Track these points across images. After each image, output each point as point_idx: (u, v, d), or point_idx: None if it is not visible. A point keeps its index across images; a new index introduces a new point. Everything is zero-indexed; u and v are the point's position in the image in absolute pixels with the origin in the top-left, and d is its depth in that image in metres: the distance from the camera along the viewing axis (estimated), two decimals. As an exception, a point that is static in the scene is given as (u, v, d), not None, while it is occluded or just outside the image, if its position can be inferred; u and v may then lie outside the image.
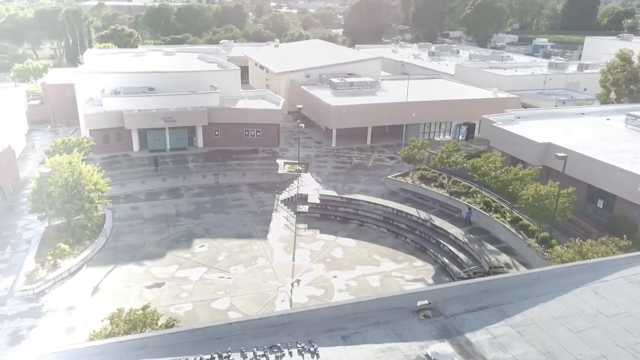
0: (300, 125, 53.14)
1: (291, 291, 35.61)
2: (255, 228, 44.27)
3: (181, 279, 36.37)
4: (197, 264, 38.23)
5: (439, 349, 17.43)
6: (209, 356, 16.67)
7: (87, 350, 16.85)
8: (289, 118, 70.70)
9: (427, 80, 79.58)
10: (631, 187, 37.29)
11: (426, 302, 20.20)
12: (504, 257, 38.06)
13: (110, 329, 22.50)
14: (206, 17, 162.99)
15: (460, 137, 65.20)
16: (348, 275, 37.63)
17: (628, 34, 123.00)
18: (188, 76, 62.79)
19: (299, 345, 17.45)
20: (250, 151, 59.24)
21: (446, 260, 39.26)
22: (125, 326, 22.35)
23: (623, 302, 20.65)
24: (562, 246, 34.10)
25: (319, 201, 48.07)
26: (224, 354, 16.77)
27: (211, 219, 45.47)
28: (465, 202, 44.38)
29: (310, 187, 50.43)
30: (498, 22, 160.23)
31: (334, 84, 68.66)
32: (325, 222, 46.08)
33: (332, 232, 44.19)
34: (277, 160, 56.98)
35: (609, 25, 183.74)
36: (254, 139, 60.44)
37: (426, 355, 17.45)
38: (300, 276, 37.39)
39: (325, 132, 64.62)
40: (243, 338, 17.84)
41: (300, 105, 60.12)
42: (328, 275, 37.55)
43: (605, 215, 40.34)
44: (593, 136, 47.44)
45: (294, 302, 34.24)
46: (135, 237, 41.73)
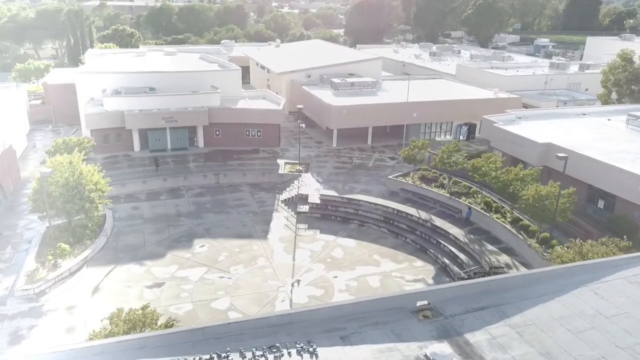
0: (301, 125, 53.14)
1: (291, 291, 35.62)
2: (255, 228, 44.29)
3: (181, 278, 36.41)
4: (197, 264, 38.26)
5: (438, 349, 17.42)
6: (207, 356, 16.68)
7: (85, 350, 16.86)
8: (290, 118, 70.71)
9: (428, 80, 79.51)
10: (632, 187, 37.28)
11: (425, 302, 20.18)
12: (504, 258, 38.03)
13: (109, 329, 22.52)
14: (207, 17, 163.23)
15: (461, 138, 65.14)
16: (348, 275, 37.63)
17: (630, 34, 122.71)
18: (189, 76, 62.86)
19: (297, 345, 17.45)
20: (251, 151, 59.26)
21: (446, 261, 39.23)
22: (125, 326, 22.37)
23: (623, 302, 20.61)
24: (562, 247, 34.09)
25: (319, 201, 48.07)
26: (223, 354, 16.78)
27: (212, 219, 45.50)
28: (466, 202, 44.35)
29: (310, 187, 50.43)
30: (499, 22, 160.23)
31: (334, 84, 68.64)
32: (326, 222, 46.09)
33: (333, 232, 44.20)
34: (278, 160, 56.99)
35: (611, 25, 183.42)
36: (254, 139, 60.49)
37: (425, 355, 17.43)
38: (301, 276, 37.40)
39: (326, 132, 64.63)
40: (242, 338, 17.85)
41: (300, 105, 60.20)
42: (328, 276, 37.55)
43: (605, 215, 40.31)
44: (594, 136, 47.41)
45: (294, 302, 34.25)
46: (135, 237, 41.79)
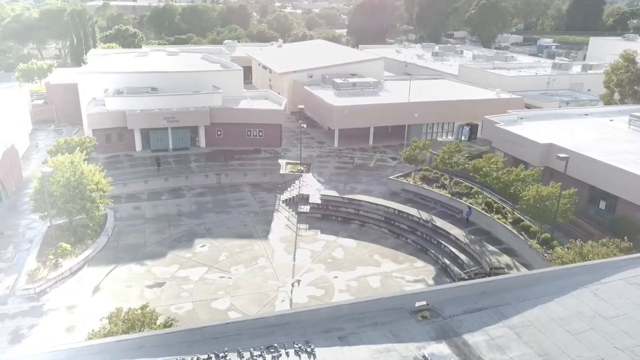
0: (303, 125, 53.13)
1: (291, 291, 35.62)
2: (256, 228, 44.31)
3: (182, 278, 36.45)
4: (198, 264, 38.30)
5: (436, 350, 17.43)
6: (205, 356, 16.73)
7: (84, 350, 16.93)
8: (292, 118, 70.68)
9: (430, 80, 79.43)
10: (634, 188, 37.15)
11: (424, 303, 20.19)
12: (505, 258, 37.95)
13: (108, 329, 22.57)
14: (210, 17, 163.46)
15: (463, 138, 65.05)
16: (349, 275, 37.62)
17: (633, 35, 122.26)
18: (191, 76, 62.90)
19: (295, 345, 17.49)
20: (252, 151, 59.29)
21: (447, 261, 39.17)
22: (124, 325, 22.42)
23: (622, 304, 20.57)
24: (563, 247, 33.99)
25: (320, 201, 48.07)
26: (221, 354, 16.83)
27: (213, 219, 45.54)
28: (467, 202, 44.27)
29: (311, 187, 50.43)
30: (502, 22, 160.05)
31: (336, 84, 68.60)
32: (327, 222, 46.08)
33: (333, 232, 44.19)
34: (279, 161, 56.99)
35: (615, 25, 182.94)
36: (256, 139, 60.53)
37: (423, 356, 17.44)
38: (301, 276, 37.40)
39: (327, 133, 64.62)
40: (240, 338, 17.89)
41: (302, 105, 60.14)
42: (329, 276, 37.54)
43: (607, 216, 40.18)
44: (596, 137, 47.26)
45: (294, 302, 34.25)
46: (136, 237, 41.87)
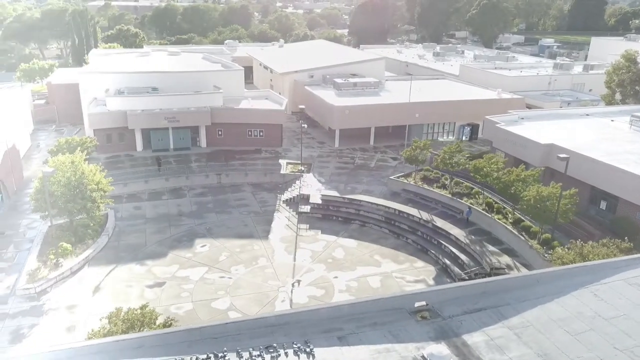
0: (304, 125, 53.12)
1: (292, 291, 35.62)
2: (256, 228, 44.32)
3: (182, 278, 36.47)
4: (198, 264, 38.31)
5: (435, 350, 17.42)
6: (204, 356, 16.73)
7: (84, 349, 16.94)
8: (293, 118, 70.66)
9: (431, 80, 79.40)
10: (634, 188, 37.08)
11: (424, 303, 20.17)
12: (505, 259, 37.91)
13: (108, 328, 22.58)
14: (212, 17, 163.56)
15: (464, 138, 65.01)
16: (349, 275, 37.61)
17: (635, 35, 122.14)
18: (192, 76, 62.94)
19: (295, 345, 17.48)
20: (253, 151, 59.31)
21: (447, 262, 39.14)
22: (123, 325, 22.43)
23: (622, 304, 20.53)
24: (563, 248, 33.96)
25: (320, 201, 48.07)
26: (220, 354, 16.83)
27: (213, 219, 45.56)
28: (468, 203, 44.24)
29: (312, 187, 50.44)
30: (504, 22, 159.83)
31: (337, 85, 68.58)
32: (327, 222, 46.08)
33: (334, 232, 44.19)
34: (280, 161, 56.99)
35: (616, 25, 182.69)
36: (257, 139, 60.55)
37: (422, 356, 17.42)
38: (301, 276, 37.40)
39: (328, 133, 64.61)
40: (239, 338, 17.89)
41: (302, 105, 60.10)
42: (329, 276, 37.53)
43: (607, 216, 40.13)
44: (597, 137, 47.19)
45: (295, 302, 34.25)
46: (137, 237, 41.90)
